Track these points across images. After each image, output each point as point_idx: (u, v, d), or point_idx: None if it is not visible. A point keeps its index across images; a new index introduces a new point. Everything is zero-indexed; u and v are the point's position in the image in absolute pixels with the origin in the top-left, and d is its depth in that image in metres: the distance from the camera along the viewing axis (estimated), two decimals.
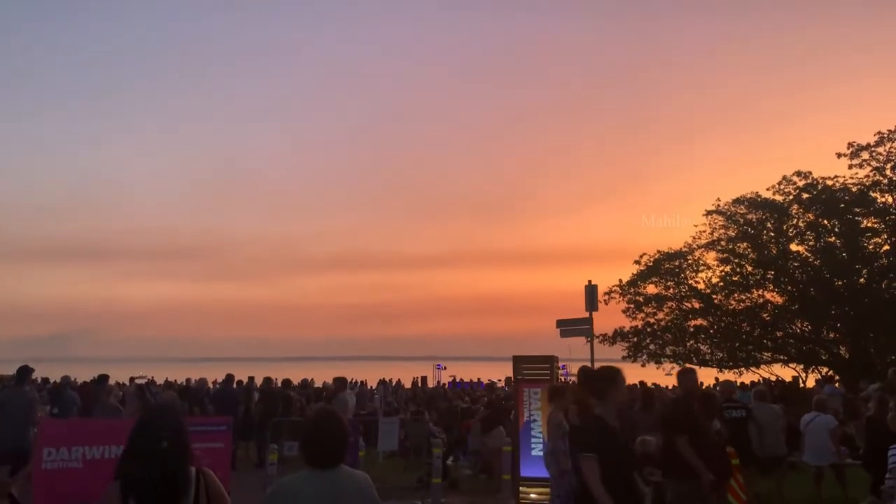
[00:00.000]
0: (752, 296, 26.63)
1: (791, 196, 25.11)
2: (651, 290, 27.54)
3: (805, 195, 24.65)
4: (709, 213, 26.88)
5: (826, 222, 24.60)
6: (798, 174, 25.03)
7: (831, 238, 24.77)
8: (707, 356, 26.76)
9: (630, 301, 27.61)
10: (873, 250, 24.12)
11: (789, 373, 26.51)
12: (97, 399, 11.83)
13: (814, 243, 25.26)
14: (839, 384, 21.84)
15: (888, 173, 23.42)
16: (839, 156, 24.02)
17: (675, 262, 27.24)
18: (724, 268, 26.76)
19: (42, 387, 23.04)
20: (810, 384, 24.93)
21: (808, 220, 24.87)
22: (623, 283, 27.72)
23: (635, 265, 27.92)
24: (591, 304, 14.34)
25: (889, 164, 23.40)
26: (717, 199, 26.84)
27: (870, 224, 24.18)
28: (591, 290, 14.39)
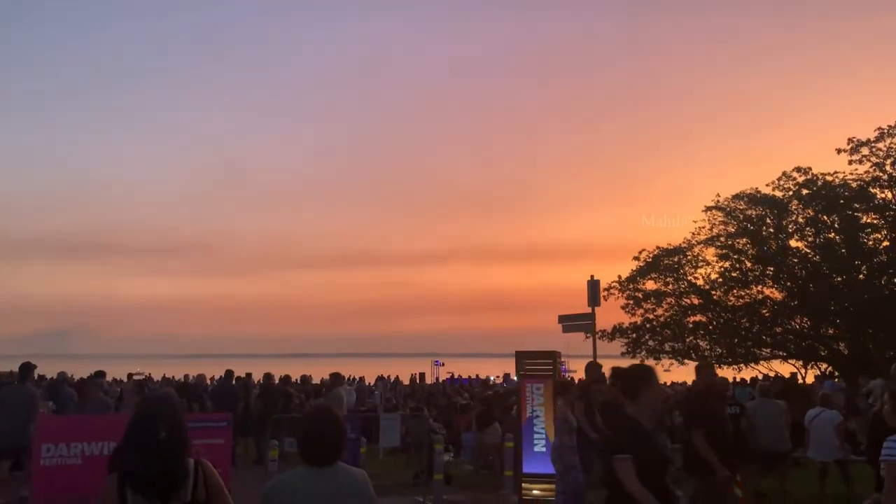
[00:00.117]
0: (752, 292, 26.60)
1: (791, 192, 25.06)
2: (650, 286, 27.48)
3: (805, 191, 24.61)
4: (708, 208, 26.80)
5: (825, 218, 24.56)
6: (798, 170, 24.97)
7: (831, 234, 24.74)
8: (706, 352, 26.75)
9: (629, 297, 27.55)
10: (873, 246, 24.10)
11: (788, 369, 26.53)
12: (89, 395, 11.80)
13: (813, 239, 25.24)
14: (838, 380, 21.84)
15: (888, 169, 23.39)
16: (839, 151, 23.98)
17: (675, 258, 27.17)
18: (724, 264, 26.71)
19: (38, 383, 22.85)
20: (809, 380, 24.96)
21: (807, 216, 24.83)
22: (622, 279, 27.67)
23: (634, 261, 27.87)
24: (593, 300, 14.21)
25: (889, 160, 23.36)
26: (717, 195, 26.79)
27: (869, 220, 24.15)
28: (593, 285, 14.25)
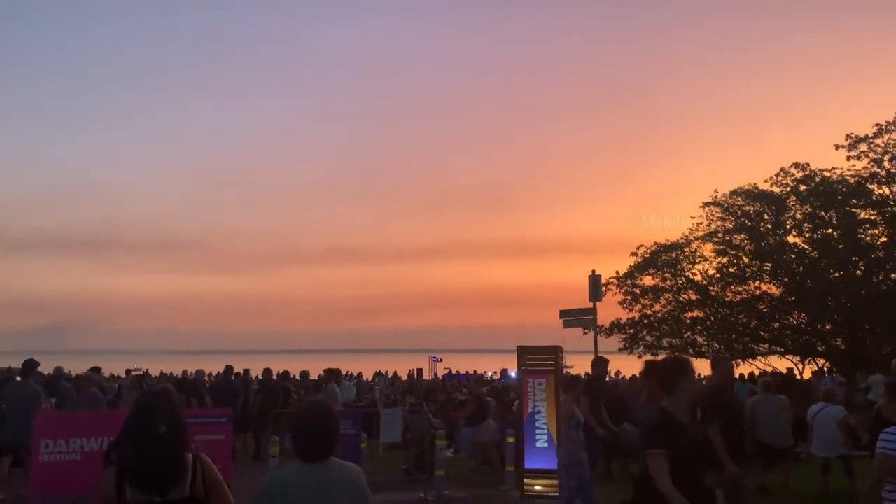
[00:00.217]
0: (749, 287, 26.62)
1: (789, 188, 25.06)
2: (648, 281, 27.49)
3: (803, 187, 24.61)
4: (706, 204, 26.80)
5: (823, 214, 24.56)
6: (796, 166, 24.97)
7: (828, 230, 24.75)
8: (703, 348, 26.78)
9: (627, 293, 27.55)
10: (871, 242, 24.11)
11: (786, 364, 26.55)
12: (81, 390, 11.74)
13: (811, 235, 25.25)
14: (836, 375, 21.87)
15: (886, 165, 23.39)
16: (837, 147, 23.99)
17: (672, 253, 27.18)
18: (721, 259, 26.72)
19: (36, 380, 22.72)
20: (806, 376, 25.00)
21: (805, 211, 24.84)
22: (620, 274, 27.65)
23: (632, 257, 27.86)
24: (595, 294, 14.16)
25: (887, 156, 23.37)
26: (715, 191, 26.77)
27: (867, 216, 24.15)
28: (594, 280, 14.20)
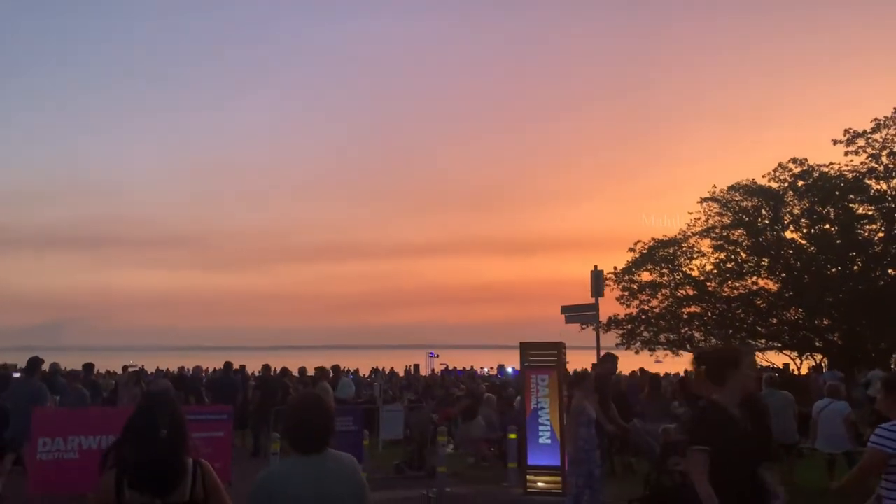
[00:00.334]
0: (746, 283, 26.61)
1: (786, 183, 25.02)
2: (645, 277, 27.46)
3: (800, 182, 24.57)
4: (704, 200, 26.75)
5: (821, 209, 24.53)
6: (794, 161, 24.93)
7: (826, 225, 24.73)
8: (701, 343, 26.76)
9: (624, 288, 27.51)
10: (868, 237, 24.10)
11: (783, 360, 26.58)
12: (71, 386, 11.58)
13: (808, 230, 25.23)
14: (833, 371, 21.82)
15: (884, 160, 23.36)
16: (835, 142, 23.93)
17: (670, 249, 27.13)
18: (719, 255, 26.69)
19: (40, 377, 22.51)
20: (804, 371, 25.01)
21: (803, 207, 24.81)
22: (617, 270, 27.60)
23: (630, 252, 27.82)
24: (597, 290, 14.07)
25: (885, 151, 23.33)
26: (713, 186, 26.72)
27: (864, 211, 24.13)
28: (596, 276, 14.10)
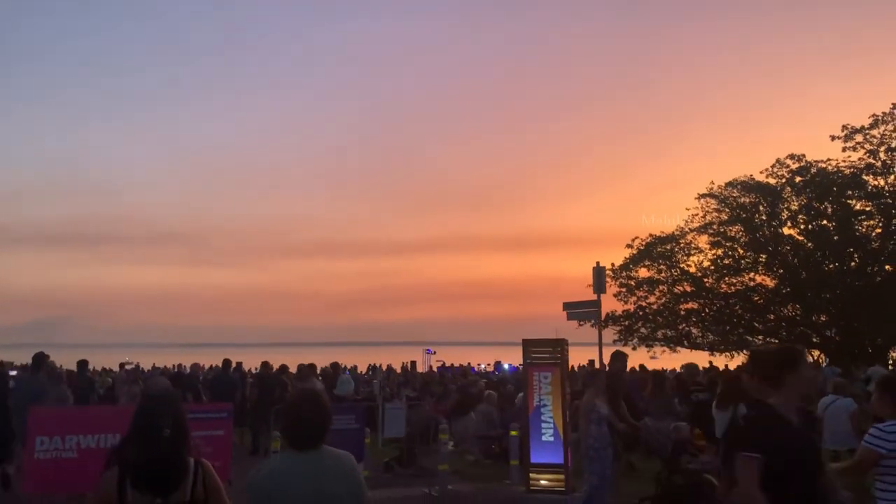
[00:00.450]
0: (744, 279, 26.59)
1: (784, 179, 24.99)
2: (643, 273, 27.42)
3: (798, 178, 24.54)
4: (701, 196, 26.71)
5: (818, 205, 24.51)
6: (792, 157, 24.91)
7: (824, 221, 24.71)
8: (698, 339, 26.78)
9: (622, 285, 27.46)
10: (866, 233, 24.10)
11: None
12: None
13: (805, 226, 25.21)
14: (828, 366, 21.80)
15: (881, 156, 23.37)
16: (833, 138, 23.92)
17: (667, 245, 27.09)
18: (716, 251, 26.65)
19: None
20: None
21: (801, 203, 24.79)
22: (615, 266, 27.53)
23: (627, 249, 27.75)
24: (598, 287, 13.97)
25: (882, 147, 23.34)
26: (711, 183, 26.67)
27: (861, 207, 24.12)
28: (598, 272, 14.01)
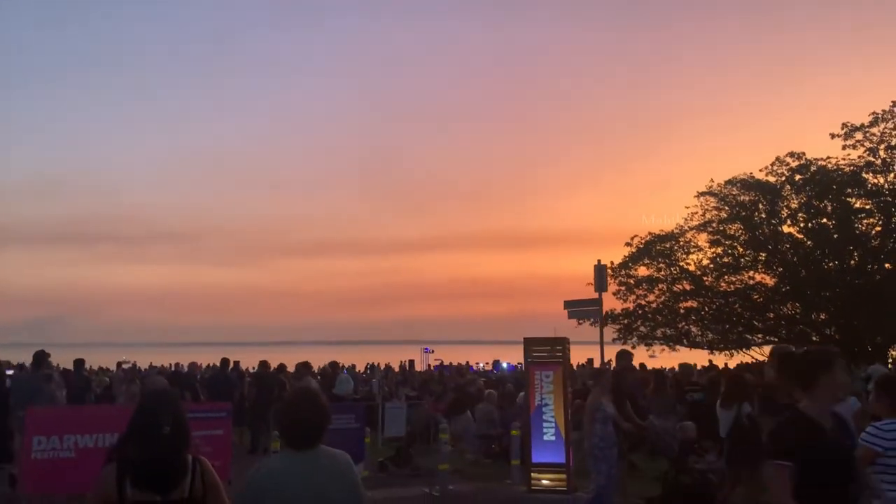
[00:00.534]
0: (743, 277, 26.53)
1: (784, 177, 24.93)
2: (642, 272, 27.32)
3: (798, 176, 24.48)
4: (701, 194, 26.63)
5: (818, 203, 24.46)
6: (791, 155, 24.85)
7: (823, 219, 24.67)
8: (698, 338, 26.71)
9: (621, 283, 27.36)
10: (866, 231, 24.06)
11: None
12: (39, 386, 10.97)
13: (805, 224, 25.16)
14: None
15: (881, 154, 23.31)
16: (833, 136, 23.87)
17: (667, 243, 27.02)
18: (716, 249, 26.59)
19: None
20: None
21: (800, 201, 24.74)
22: (614, 265, 27.44)
23: (626, 247, 27.68)
24: (600, 285, 13.90)
25: (882, 145, 23.28)
26: (711, 180, 26.62)
27: (861, 205, 24.07)
28: (600, 270, 13.94)
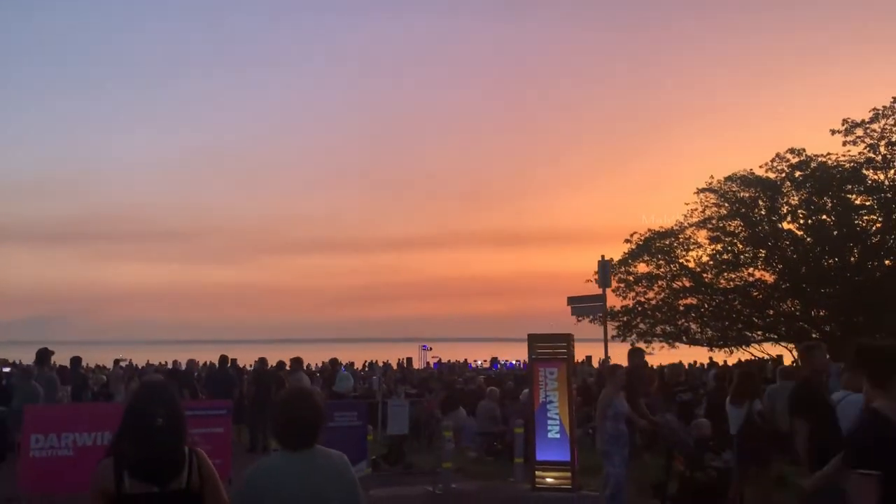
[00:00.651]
0: (743, 274, 26.47)
1: (784, 173, 24.87)
2: (642, 268, 27.25)
3: (798, 173, 24.42)
4: (701, 190, 26.56)
5: (817, 200, 24.40)
6: (791, 151, 24.77)
7: (823, 216, 24.61)
8: (697, 335, 26.65)
9: (620, 280, 27.27)
10: (866, 227, 24.01)
11: (778, 351, 26.52)
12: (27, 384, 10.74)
13: (804, 221, 25.10)
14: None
15: (882, 150, 23.26)
16: (833, 133, 23.81)
17: (666, 240, 26.94)
18: (715, 246, 26.52)
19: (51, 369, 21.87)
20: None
21: (801, 197, 24.68)
22: (614, 262, 27.35)
23: (626, 244, 27.61)
24: (604, 281, 13.79)
25: (883, 142, 23.22)
26: (711, 177, 26.55)
27: (861, 201, 24.02)
28: (604, 266, 13.83)
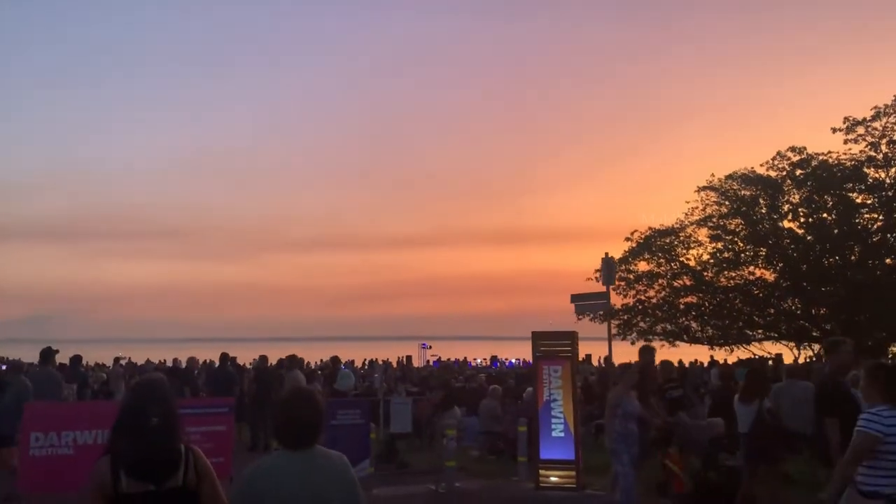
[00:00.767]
0: (743, 273, 26.43)
1: (785, 172, 24.82)
2: (642, 267, 27.19)
3: (799, 171, 24.36)
4: (701, 189, 26.49)
5: (818, 198, 24.35)
6: (792, 149, 24.72)
7: (824, 214, 24.56)
8: (698, 333, 26.61)
9: (620, 278, 27.19)
10: (867, 226, 23.96)
11: (779, 350, 26.49)
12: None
13: (805, 219, 25.05)
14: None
15: (883, 148, 23.20)
16: (834, 131, 23.73)
17: (667, 238, 26.88)
18: (716, 244, 26.47)
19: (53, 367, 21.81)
20: (801, 362, 24.89)
21: (802, 195, 24.62)
22: (614, 260, 27.27)
23: (626, 242, 27.54)
24: (608, 278, 13.71)
25: (884, 140, 23.16)
26: (711, 175, 26.49)
27: (863, 200, 23.97)
28: (608, 263, 13.77)
